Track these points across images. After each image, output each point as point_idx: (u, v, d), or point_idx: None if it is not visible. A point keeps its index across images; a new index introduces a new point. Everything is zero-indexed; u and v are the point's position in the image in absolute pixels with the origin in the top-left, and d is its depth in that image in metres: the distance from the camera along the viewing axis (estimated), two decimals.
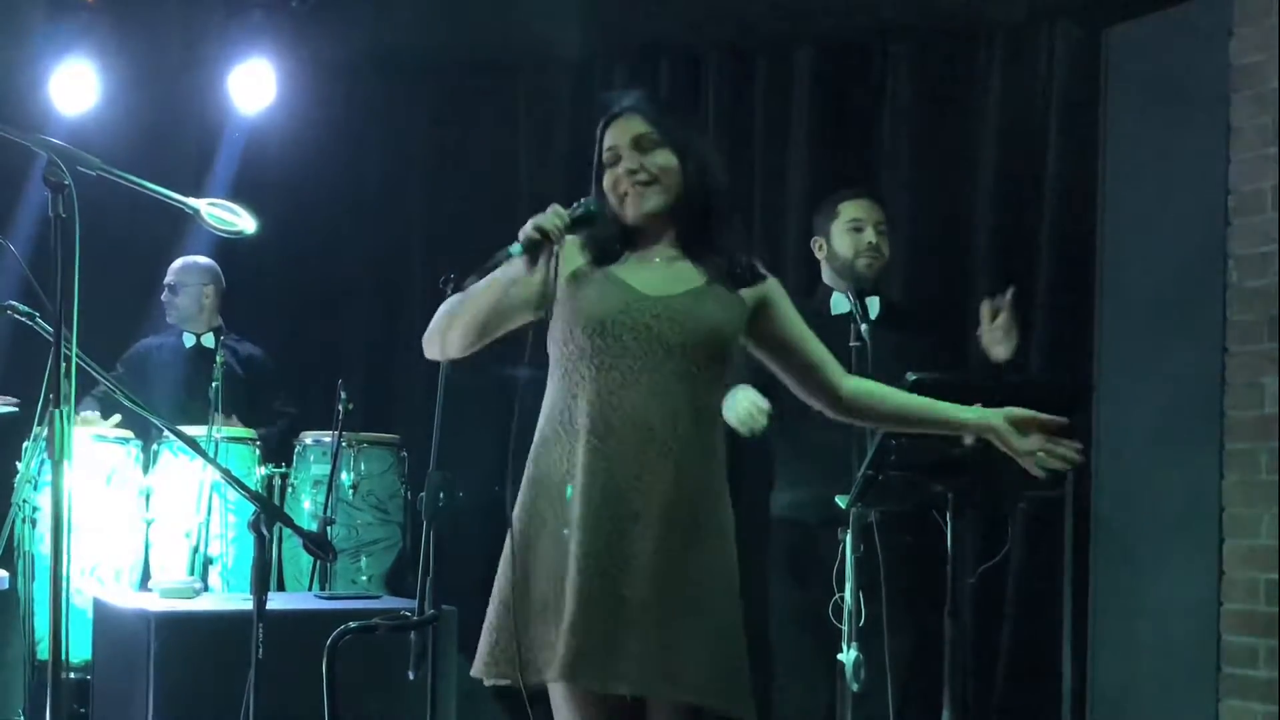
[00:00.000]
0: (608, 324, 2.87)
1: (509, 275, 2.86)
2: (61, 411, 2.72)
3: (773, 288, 3.03)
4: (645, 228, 2.96)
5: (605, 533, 2.82)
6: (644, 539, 2.82)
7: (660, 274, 2.95)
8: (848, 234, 4.42)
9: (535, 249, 2.80)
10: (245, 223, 3.04)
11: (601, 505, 2.83)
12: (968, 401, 3.07)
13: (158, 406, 5.02)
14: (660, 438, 2.85)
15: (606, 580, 2.79)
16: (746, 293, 2.99)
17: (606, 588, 2.79)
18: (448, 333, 2.97)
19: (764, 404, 3.95)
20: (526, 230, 2.81)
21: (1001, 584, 5.29)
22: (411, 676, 3.59)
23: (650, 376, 2.86)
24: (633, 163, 2.94)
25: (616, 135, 2.98)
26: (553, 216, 2.84)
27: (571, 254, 2.92)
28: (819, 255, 4.49)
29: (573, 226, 2.87)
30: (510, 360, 3.03)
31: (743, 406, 3.94)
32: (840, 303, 4.42)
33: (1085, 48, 5.28)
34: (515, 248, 2.79)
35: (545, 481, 2.91)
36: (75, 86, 6.04)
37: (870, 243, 4.39)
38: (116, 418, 5.52)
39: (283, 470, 5.75)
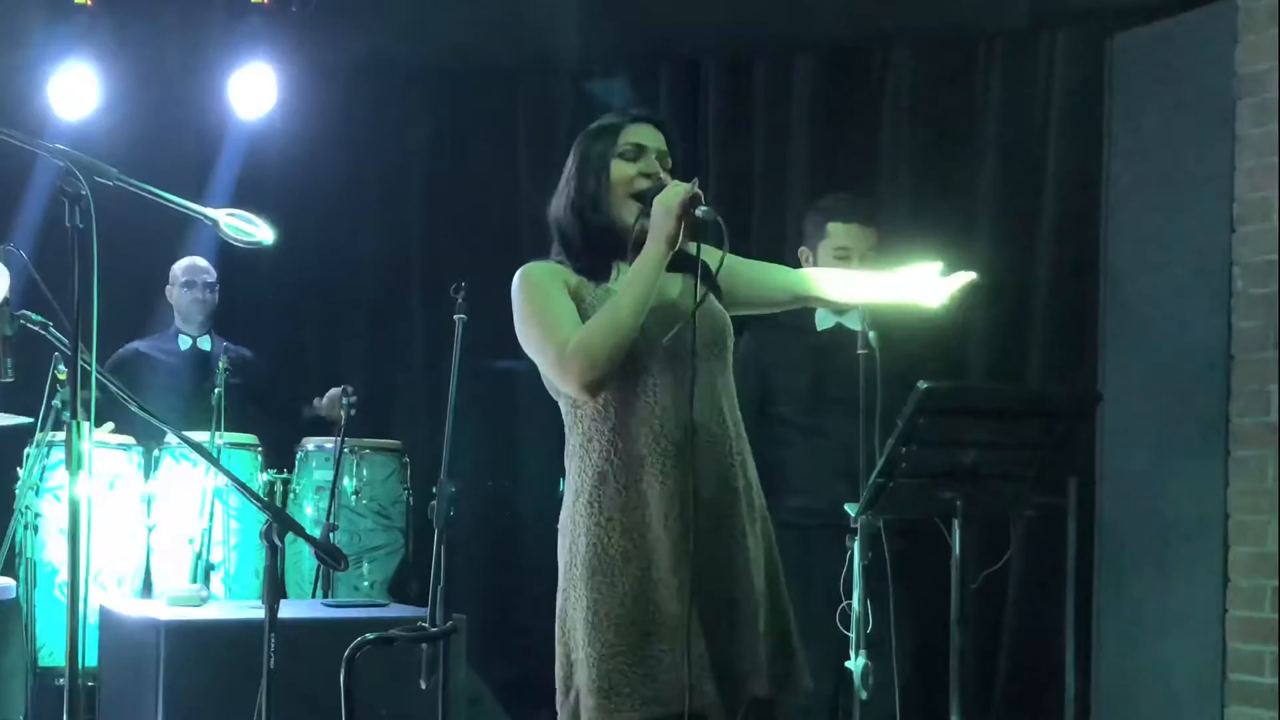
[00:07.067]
0: (653, 341, 2.85)
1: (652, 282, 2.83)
2: (79, 423, 2.72)
3: (713, 256, 2.92)
4: (636, 235, 2.90)
5: (678, 545, 2.81)
6: (736, 540, 2.88)
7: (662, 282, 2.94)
8: (833, 261, 4.35)
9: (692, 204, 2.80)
10: (263, 233, 3.03)
11: (690, 520, 2.80)
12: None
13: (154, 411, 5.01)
14: (719, 439, 2.90)
15: (719, 589, 2.83)
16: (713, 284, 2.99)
17: (720, 596, 2.83)
18: (614, 351, 2.82)
19: None
20: (676, 195, 2.81)
21: (1003, 591, 5.28)
22: (424, 686, 3.58)
23: (695, 383, 2.85)
24: (654, 168, 2.94)
25: (642, 137, 2.97)
26: (681, 187, 2.83)
27: (563, 274, 2.93)
28: (804, 266, 4.45)
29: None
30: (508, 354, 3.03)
31: None
32: (825, 318, 4.41)
33: (1087, 55, 5.28)
34: (704, 209, 2.79)
35: (615, 517, 2.85)
36: (75, 91, 6.02)
37: None
38: (109, 425, 5.50)
39: (284, 476, 5.74)
